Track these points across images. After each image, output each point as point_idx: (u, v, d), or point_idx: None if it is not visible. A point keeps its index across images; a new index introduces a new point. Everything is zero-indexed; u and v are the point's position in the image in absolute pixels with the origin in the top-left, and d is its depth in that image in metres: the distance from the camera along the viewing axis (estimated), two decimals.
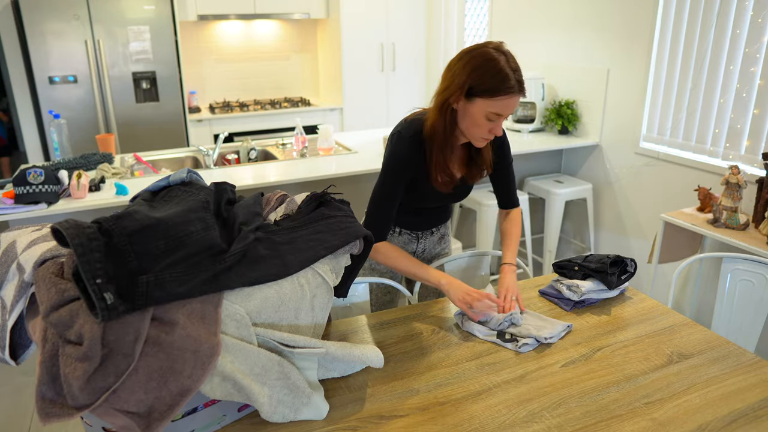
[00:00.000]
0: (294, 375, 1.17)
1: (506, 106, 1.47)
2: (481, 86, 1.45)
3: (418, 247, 1.91)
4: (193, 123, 4.53)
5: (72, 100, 4.12)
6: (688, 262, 1.98)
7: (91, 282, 0.97)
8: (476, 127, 1.52)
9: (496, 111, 1.47)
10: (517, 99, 1.48)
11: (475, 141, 1.58)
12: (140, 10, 4.13)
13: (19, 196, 2.36)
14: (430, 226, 1.89)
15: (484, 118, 1.49)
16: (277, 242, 1.23)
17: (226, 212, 1.28)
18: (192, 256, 1.09)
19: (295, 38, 5.21)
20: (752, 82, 2.63)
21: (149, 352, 1.00)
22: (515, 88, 1.45)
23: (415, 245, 1.91)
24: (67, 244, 1.01)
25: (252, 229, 1.23)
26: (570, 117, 3.58)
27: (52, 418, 0.96)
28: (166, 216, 1.11)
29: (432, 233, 1.92)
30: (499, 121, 1.50)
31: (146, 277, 1.03)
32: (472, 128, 1.53)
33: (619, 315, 1.65)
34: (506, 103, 1.46)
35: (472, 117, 1.50)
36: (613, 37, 3.28)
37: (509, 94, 1.45)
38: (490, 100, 1.46)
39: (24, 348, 1.18)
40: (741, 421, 1.20)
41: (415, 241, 1.90)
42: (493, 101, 1.46)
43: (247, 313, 1.14)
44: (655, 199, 3.20)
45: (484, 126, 1.51)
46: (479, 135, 1.54)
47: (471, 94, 1.48)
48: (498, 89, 1.44)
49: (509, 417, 1.22)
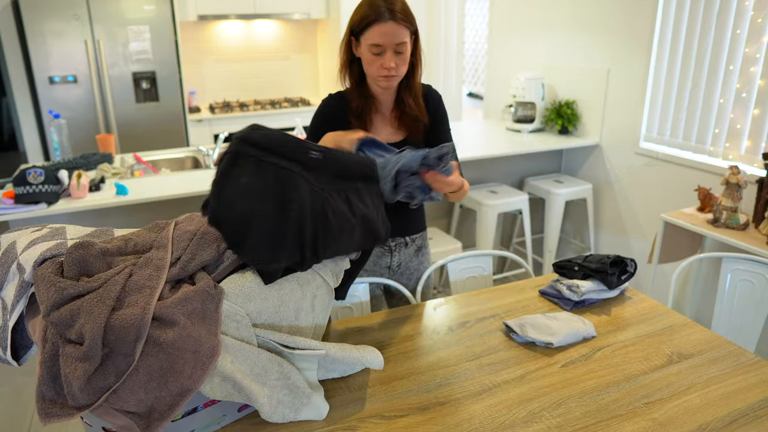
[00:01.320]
0: (294, 375, 1.17)
1: (381, 34, 1.48)
2: (357, 24, 1.52)
3: (392, 261, 1.80)
4: (193, 123, 4.53)
5: (72, 100, 4.12)
6: (688, 262, 1.98)
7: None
8: (369, 65, 1.55)
9: (373, 41, 1.50)
10: (391, 26, 1.48)
11: (376, 80, 1.58)
12: (140, 10, 4.13)
13: (19, 196, 2.36)
14: (403, 231, 1.78)
15: (370, 53, 1.52)
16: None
17: None
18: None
19: (295, 38, 5.21)
20: (752, 82, 2.63)
21: (149, 352, 1.00)
22: (385, 16, 1.47)
23: (389, 259, 1.80)
24: None
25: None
26: (570, 117, 3.58)
27: (52, 418, 0.96)
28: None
29: (407, 245, 1.81)
30: (386, 54, 1.51)
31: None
32: (367, 68, 1.56)
33: (619, 315, 1.65)
34: (379, 31, 1.48)
35: (363, 57, 1.55)
36: (613, 37, 3.28)
37: (379, 22, 1.47)
38: (367, 32, 1.50)
39: (26, 349, 1.18)
40: (741, 421, 1.21)
41: (388, 255, 1.79)
42: (368, 33, 1.49)
43: (247, 313, 1.14)
44: (655, 199, 3.20)
45: (374, 62, 1.53)
46: (375, 73, 1.55)
47: (356, 36, 1.54)
48: (368, 18, 1.48)
49: (509, 417, 1.22)
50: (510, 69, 4.13)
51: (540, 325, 1.53)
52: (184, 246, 1.19)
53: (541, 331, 1.51)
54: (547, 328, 1.52)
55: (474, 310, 1.67)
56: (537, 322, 1.54)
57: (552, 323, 1.54)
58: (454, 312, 1.66)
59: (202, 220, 1.27)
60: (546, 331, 1.51)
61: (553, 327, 1.52)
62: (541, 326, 1.53)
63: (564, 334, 1.49)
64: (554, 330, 1.51)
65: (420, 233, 1.84)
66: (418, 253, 1.86)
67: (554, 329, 1.51)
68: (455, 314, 1.65)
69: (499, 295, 1.76)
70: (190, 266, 1.15)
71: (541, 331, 1.51)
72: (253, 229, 1.12)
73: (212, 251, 1.19)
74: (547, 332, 1.50)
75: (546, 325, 1.53)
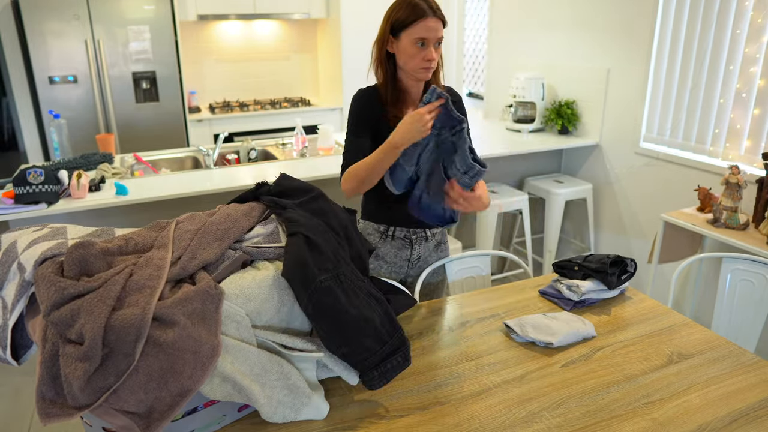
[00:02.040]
0: (294, 375, 1.17)
1: (425, 29, 1.61)
2: (399, 21, 1.63)
3: (412, 254, 1.88)
4: (193, 123, 4.53)
5: (72, 100, 4.12)
6: (688, 262, 1.98)
7: None
8: (410, 58, 1.65)
9: (418, 36, 1.61)
10: (433, 22, 1.62)
11: (417, 73, 1.67)
12: (140, 10, 4.13)
13: (19, 196, 2.36)
14: (424, 224, 1.85)
15: (413, 46, 1.63)
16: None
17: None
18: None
19: (295, 38, 5.21)
20: (752, 82, 2.63)
21: (149, 353, 1.00)
22: (428, 12, 1.61)
23: (409, 252, 1.88)
24: None
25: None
26: (570, 117, 3.58)
27: (52, 418, 0.96)
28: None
29: (427, 239, 1.88)
30: (428, 46, 1.63)
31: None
32: (408, 61, 1.66)
33: (619, 315, 1.65)
34: (424, 26, 1.61)
35: (405, 51, 1.65)
36: (613, 37, 3.28)
37: (424, 17, 1.60)
38: (410, 28, 1.62)
39: (26, 348, 1.18)
40: (741, 421, 1.21)
41: (408, 248, 1.87)
42: (413, 28, 1.61)
43: (247, 314, 1.14)
44: (655, 199, 3.20)
45: (417, 55, 1.64)
46: (417, 65, 1.65)
47: (395, 32, 1.65)
48: (412, 15, 1.61)
49: (509, 417, 1.22)
50: (510, 69, 4.13)
51: (540, 325, 1.53)
52: (184, 246, 1.19)
53: (541, 331, 1.51)
54: (547, 328, 1.52)
55: (474, 310, 1.67)
56: (537, 322, 1.54)
57: (552, 323, 1.54)
58: (454, 312, 1.66)
59: (203, 220, 1.28)
60: (546, 331, 1.51)
61: (553, 327, 1.52)
62: (541, 326, 1.53)
63: (564, 334, 1.49)
64: (554, 330, 1.51)
65: (440, 229, 1.93)
66: (438, 248, 1.94)
67: (554, 329, 1.51)
68: (455, 314, 1.65)
69: (499, 295, 1.76)
70: (191, 266, 1.15)
71: (541, 331, 1.51)
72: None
73: (213, 251, 1.19)
74: (547, 332, 1.50)
75: (546, 325, 1.53)
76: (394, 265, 1.89)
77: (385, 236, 1.85)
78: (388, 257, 1.87)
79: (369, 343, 1.19)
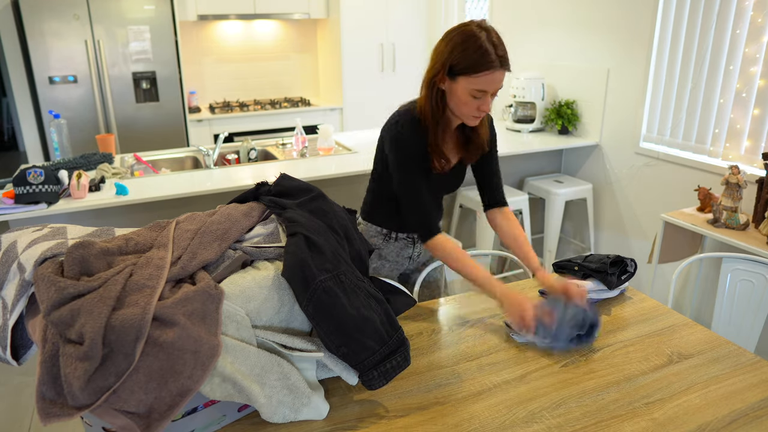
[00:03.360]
0: (294, 375, 1.17)
1: (489, 81, 1.45)
2: (461, 64, 1.45)
3: (414, 252, 1.91)
4: (193, 123, 4.53)
5: (72, 100, 4.12)
6: (688, 262, 1.98)
7: None
8: (463, 105, 1.51)
9: (479, 88, 1.46)
10: (500, 74, 1.46)
11: (466, 119, 1.57)
12: (140, 10, 4.13)
13: (19, 196, 2.36)
14: None
15: (470, 95, 1.48)
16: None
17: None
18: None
19: (295, 38, 5.21)
20: (752, 82, 2.63)
21: (149, 353, 1.00)
22: (496, 63, 1.43)
23: (411, 250, 1.90)
24: None
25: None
26: (570, 117, 3.58)
27: (52, 418, 0.96)
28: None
29: None
30: (485, 97, 1.49)
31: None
32: (460, 107, 1.53)
33: (619, 315, 1.65)
34: (489, 78, 1.45)
35: (458, 96, 1.50)
36: (613, 37, 3.28)
37: (490, 70, 1.44)
38: (472, 77, 1.45)
39: (26, 348, 1.18)
40: (741, 421, 1.21)
41: (411, 246, 1.89)
42: (475, 78, 1.45)
43: (247, 314, 1.14)
44: (655, 199, 3.20)
45: (471, 104, 1.50)
46: (468, 113, 1.53)
47: (453, 73, 1.48)
48: (478, 65, 1.43)
49: (509, 417, 1.22)
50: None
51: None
52: (184, 245, 1.19)
53: None
54: None
55: (474, 310, 1.67)
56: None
57: None
58: (454, 312, 1.66)
59: (203, 220, 1.28)
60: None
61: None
62: None
63: None
64: None
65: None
66: None
67: None
68: (455, 314, 1.65)
69: None
70: (191, 266, 1.15)
71: None
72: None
73: (213, 251, 1.19)
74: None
75: None
76: (396, 263, 1.91)
77: (388, 238, 1.86)
78: (390, 256, 1.88)
79: (369, 343, 1.19)
